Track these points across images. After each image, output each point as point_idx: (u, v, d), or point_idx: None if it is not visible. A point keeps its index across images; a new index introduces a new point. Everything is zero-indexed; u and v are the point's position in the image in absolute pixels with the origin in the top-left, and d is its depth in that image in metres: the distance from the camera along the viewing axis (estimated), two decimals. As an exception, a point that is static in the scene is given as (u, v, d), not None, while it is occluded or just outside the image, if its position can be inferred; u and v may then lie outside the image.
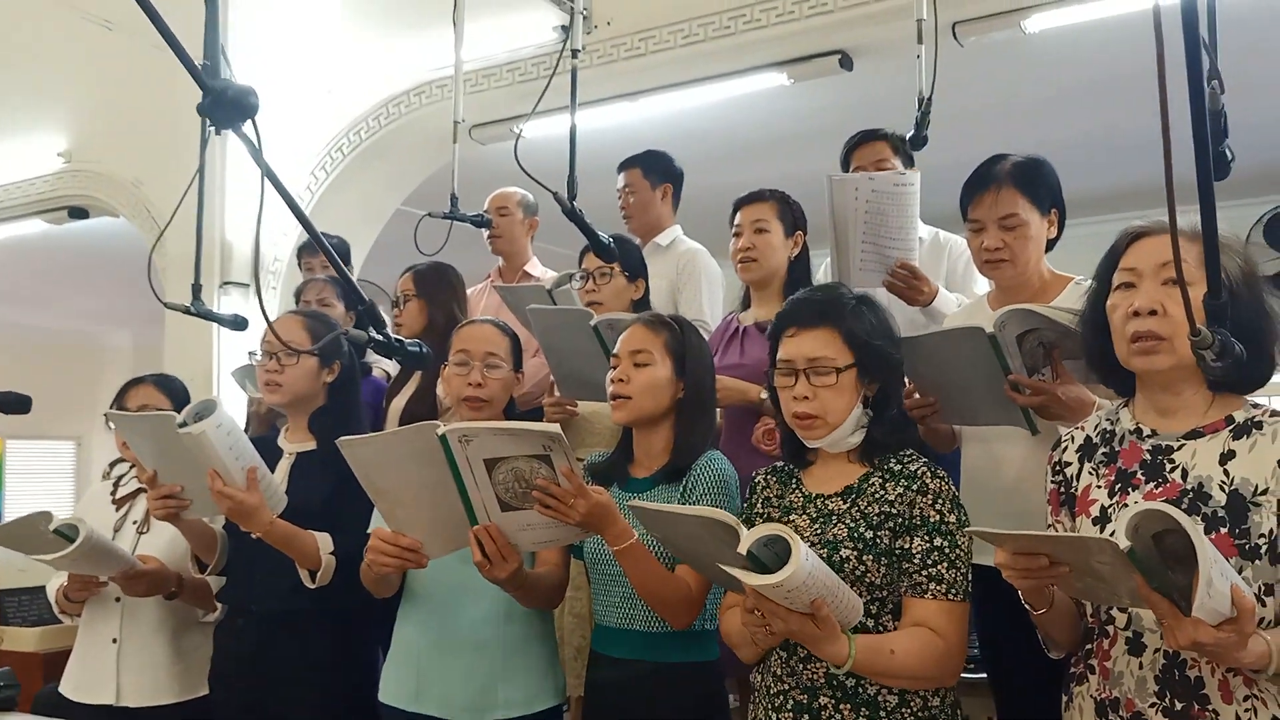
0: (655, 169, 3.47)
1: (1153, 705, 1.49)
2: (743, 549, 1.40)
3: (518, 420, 2.09)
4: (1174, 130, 1.49)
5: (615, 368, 2.02)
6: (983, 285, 2.73)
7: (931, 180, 2.59)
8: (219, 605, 2.47)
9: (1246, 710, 1.44)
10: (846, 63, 3.73)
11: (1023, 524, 1.75)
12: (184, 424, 1.96)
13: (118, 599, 2.53)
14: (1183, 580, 1.27)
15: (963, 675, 2.30)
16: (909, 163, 2.90)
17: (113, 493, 2.70)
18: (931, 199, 2.60)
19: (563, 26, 3.96)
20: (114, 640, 2.53)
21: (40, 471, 9.68)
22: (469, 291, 3.56)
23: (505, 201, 3.50)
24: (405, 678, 2.11)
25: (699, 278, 3.18)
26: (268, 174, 1.45)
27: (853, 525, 1.69)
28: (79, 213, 5.33)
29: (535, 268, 3.53)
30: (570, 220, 2.24)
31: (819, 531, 1.72)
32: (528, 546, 1.87)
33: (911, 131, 2.50)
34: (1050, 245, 2.20)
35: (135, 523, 2.60)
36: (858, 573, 1.66)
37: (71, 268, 7.12)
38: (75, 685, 2.57)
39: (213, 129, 1.58)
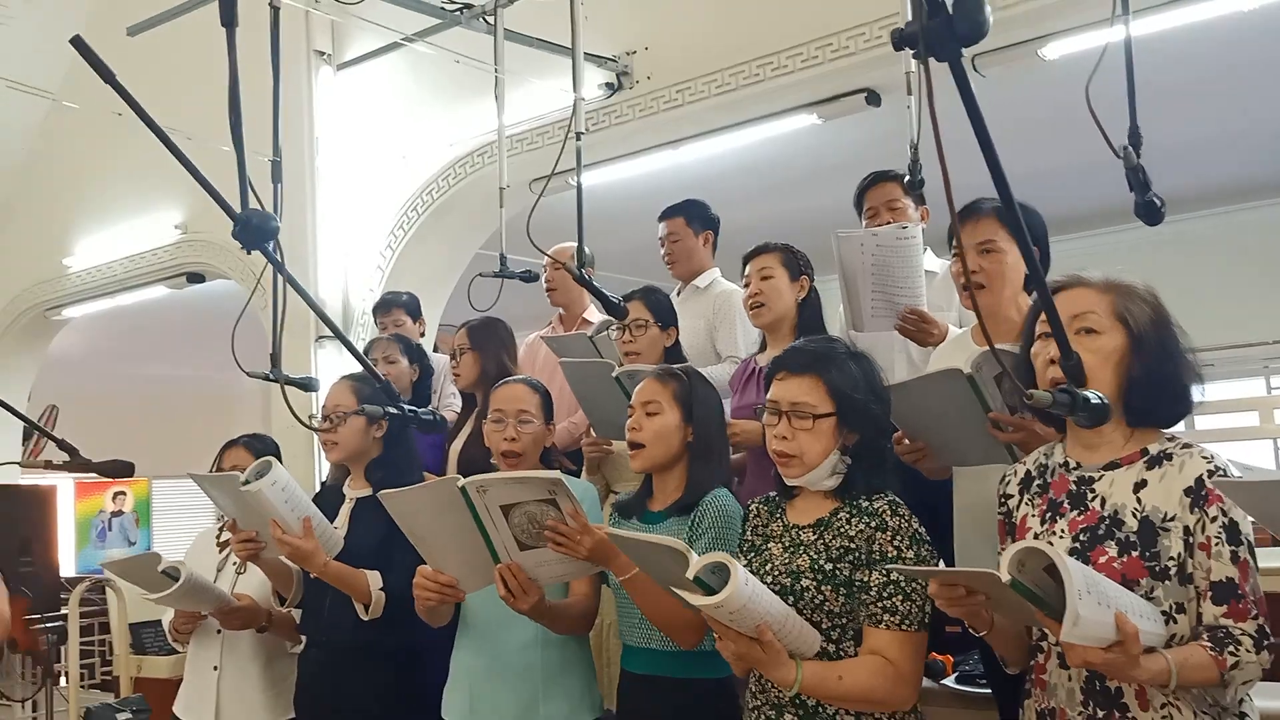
0: (697, 217, 3.70)
1: (1080, 713, 1.65)
2: (690, 574, 1.61)
3: (554, 462, 2.35)
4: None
5: (630, 417, 2.27)
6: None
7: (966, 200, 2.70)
8: (302, 638, 2.81)
9: (1164, 717, 1.59)
10: (874, 99, 3.91)
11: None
12: (246, 482, 2.31)
13: (219, 631, 2.90)
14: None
15: (970, 690, 2.48)
16: (920, 201, 3.07)
17: (218, 536, 3.08)
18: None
19: (607, 84, 4.25)
20: (215, 668, 2.89)
21: (183, 509, 10.43)
22: (531, 337, 3.87)
23: (559, 256, 3.78)
24: (460, 698, 2.40)
25: (734, 317, 3.39)
26: (290, 282, 1.77)
27: (814, 556, 1.87)
28: (196, 278, 5.88)
29: (593, 314, 3.80)
30: (580, 284, 2.49)
31: (787, 560, 1.91)
32: (546, 581, 2.12)
33: (917, 175, 2.68)
34: (1028, 282, 2.35)
35: (235, 564, 2.97)
36: (816, 600, 1.84)
37: (195, 326, 7.75)
38: (185, 707, 2.95)
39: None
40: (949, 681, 2.58)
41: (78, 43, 1.62)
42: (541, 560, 2.05)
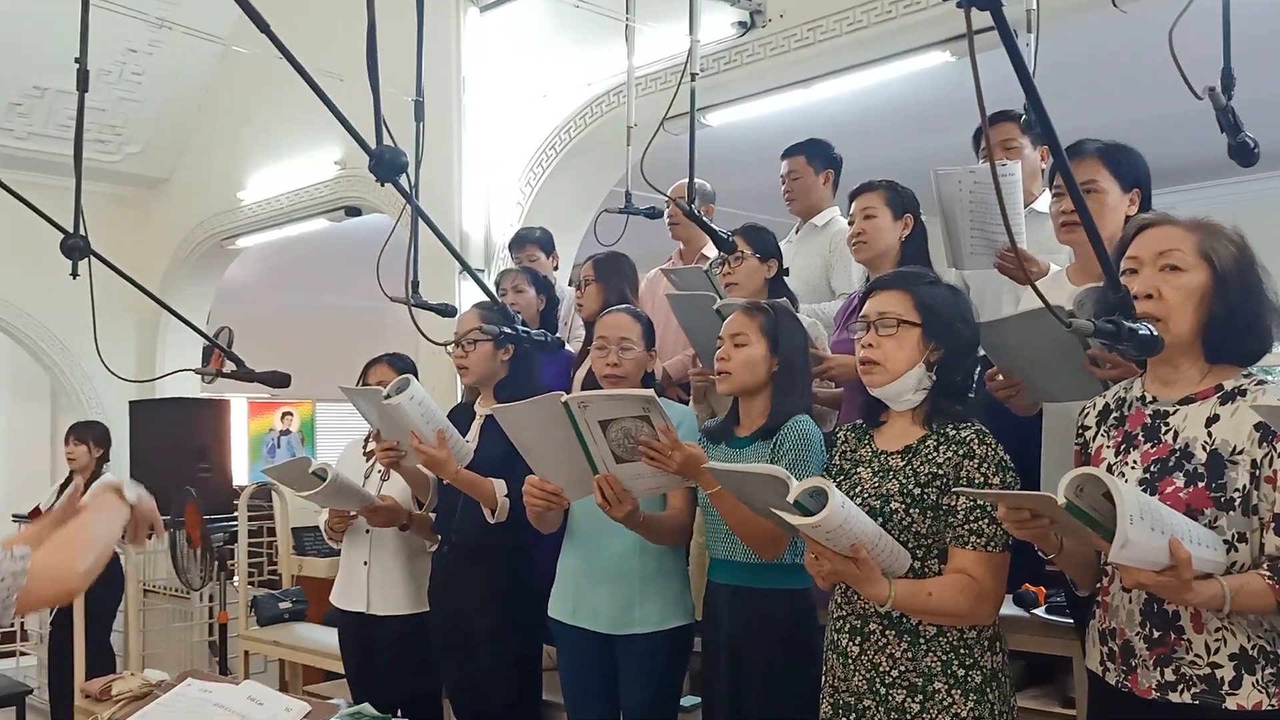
0: (818, 156, 3.76)
1: (1137, 634, 1.73)
2: (790, 498, 1.74)
3: (656, 386, 2.53)
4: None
5: (720, 348, 2.42)
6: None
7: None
8: (438, 537, 3.10)
9: (1216, 640, 1.66)
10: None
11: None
12: (388, 396, 2.57)
13: (367, 530, 3.22)
14: None
15: (1056, 620, 2.56)
16: (1039, 141, 3.06)
17: (364, 446, 3.40)
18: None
19: (740, 22, 4.31)
20: (364, 562, 3.22)
21: (344, 428, 11.16)
22: (652, 271, 4.03)
23: (681, 193, 3.90)
24: (565, 597, 2.64)
25: (849, 255, 3.45)
26: (418, 211, 1.97)
27: (903, 481, 1.99)
28: (353, 211, 6.27)
29: (711, 250, 3.92)
30: (690, 220, 2.63)
31: (877, 484, 2.03)
32: (640, 492, 2.31)
33: (1032, 114, 2.69)
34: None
35: (379, 470, 3.28)
36: (905, 522, 1.97)
37: (353, 257, 8.23)
38: (339, 595, 3.31)
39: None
40: (1039, 611, 2.65)
41: (237, -4, 1.84)
42: (636, 473, 2.23)
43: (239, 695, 2.14)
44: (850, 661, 2.02)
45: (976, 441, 1.97)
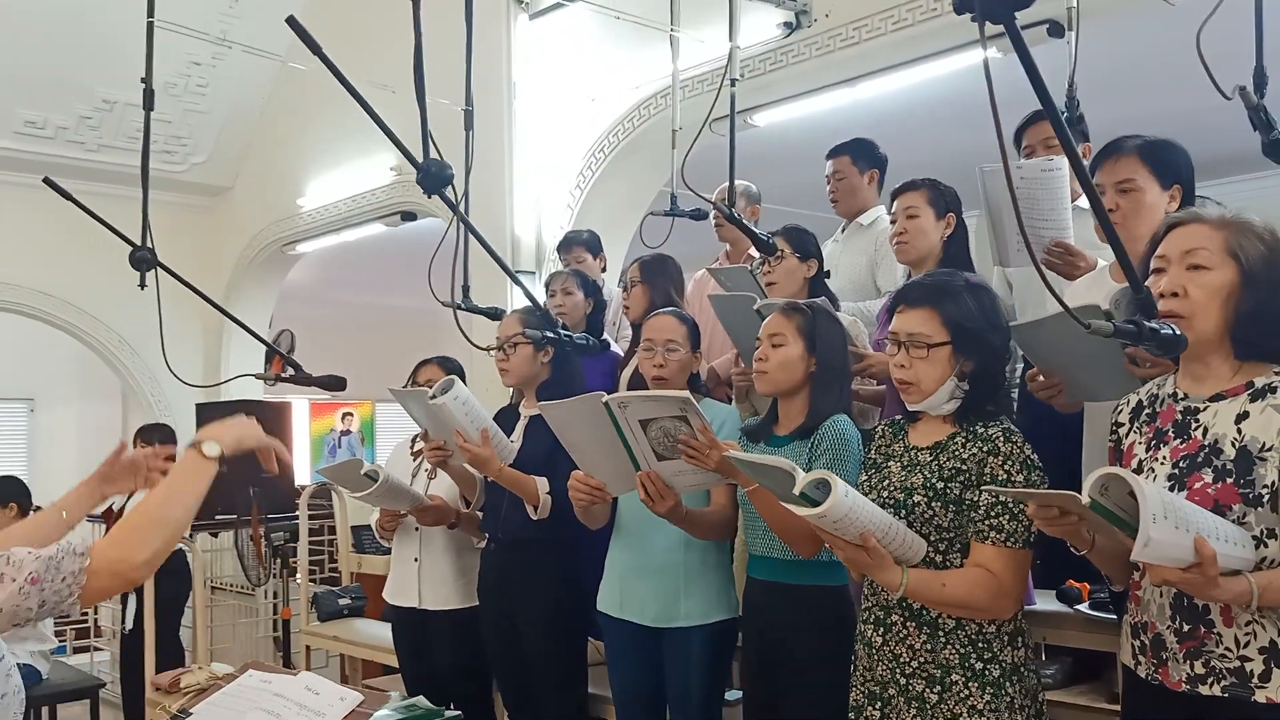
0: (863, 155, 3.78)
1: (1169, 627, 1.74)
2: (796, 490, 1.81)
3: (701, 387, 2.59)
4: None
5: (758, 348, 2.46)
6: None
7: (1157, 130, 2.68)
8: (485, 535, 3.18)
9: (1246, 634, 1.66)
10: (1056, 30, 3.82)
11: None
12: (433, 396, 2.66)
13: (416, 528, 3.32)
14: None
15: (1100, 615, 2.56)
16: (1081, 139, 3.04)
17: (412, 446, 3.50)
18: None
19: (785, 23, 4.34)
20: (415, 559, 3.32)
21: (402, 429, 11.36)
22: (699, 272, 4.08)
23: (723, 196, 3.95)
24: (612, 591, 2.71)
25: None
26: (463, 221, 2.05)
27: (928, 476, 2.03)
28: (409, 216, 6.40)
29: (755, 251, 3.96)
30: (730, 223, 2.68)
31: (903, 478, 2.07)
32: (682, 488, 2.37)
33: (1074, 112, 2.69)
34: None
35: (427, 470, 3.37)
36: (926, 515, 2.00)
37: (408, 261, 8.39)
38: (392, 591, 3.41)
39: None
40: (1082, 607, 2.65)
41: (292, 22, 1.94)
42: (677, 470, 2.29)
43: (296, 685, 2.23)
44: (874, 651, 2.06)
45: (1002, 439, 2.00)
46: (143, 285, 2.64)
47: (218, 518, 6.24)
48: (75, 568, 1.57)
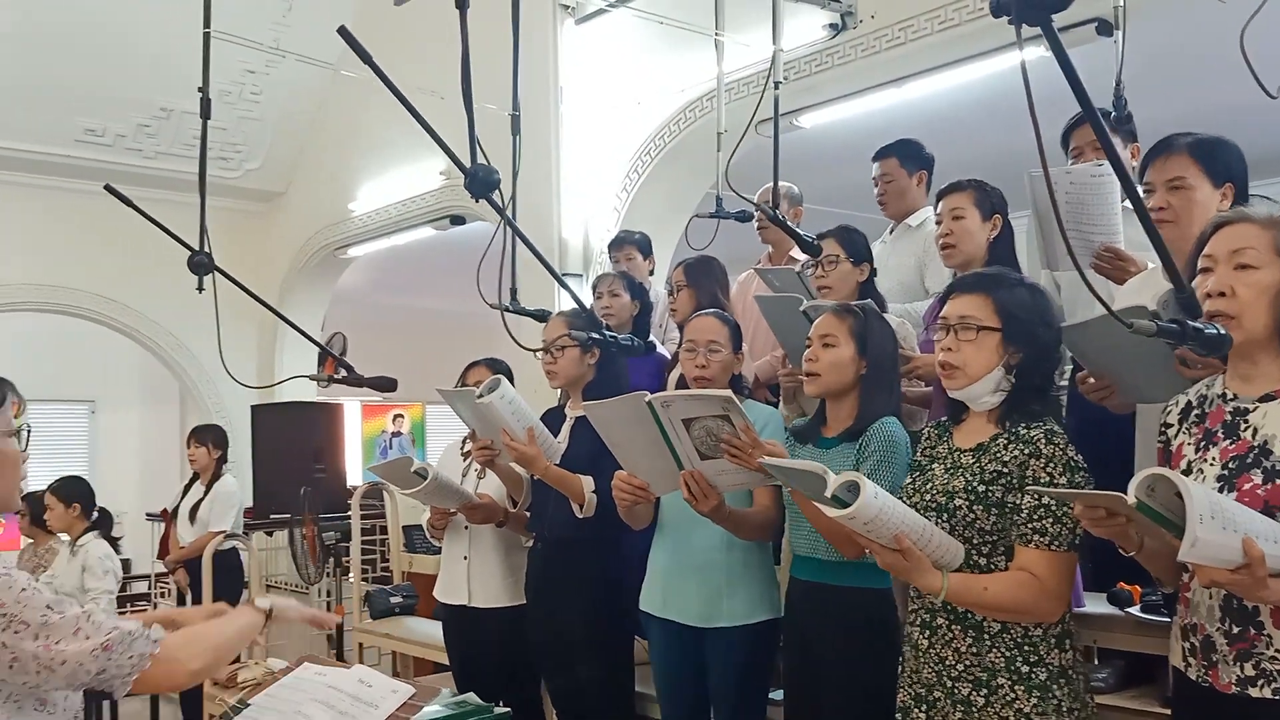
0: (910, 157, 3.75)
1: (1218, 629, 1.73)
2: (828, 492, 1.81)
3: (744, 388, 2.60)
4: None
5: (809, 349, 2.47)
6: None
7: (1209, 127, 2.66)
8: (532, 534, 3.22)
9: (1297, 636, 1.65)
10: (1105, 29, 3.79)
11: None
12: (480, 396, 2.71)
13: (466, 527, 3.37)
14: None
15: (1151, 618, 2.53)
16: (1129, 138, 3.01)
17: (462, 446, 3.55)
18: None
19: (831, 25, 4.34)
20: (464, 557, 3.37)
21: (453, 430, 11.48)
22: (744, 274, 4.09)
23: (768, 196, 3.96)
24: (655, 590, 2.73)
25: (942, 255, 3.46)
26: (509, 224, 2.08)
27: (970, 479, 2.01)
28: (458, 219, 6.49)
29: (799, 253, 3.96)
30: (774, 224, 2.69)
31: (945, 480, 2.06)
32: (725, 488, 2.38)
33: (1122, 112, 2.67)
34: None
35: (476, 469, 3.42)
36: (968, 519, 1.99)
37: (459, 264, 8.49)
38: (442, 590, 3.46)
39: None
40: (1134, 610, 2.62)
41: (343, 32, 1.99)
42: (720, 469, 2.31)
43: (350, 678, 2.28)
44: (920, 654, 2.06)
45: (1044, 441, 1.98)
46: (200, 289, 2.72)
47: (272, 517, 6.38)
48: (145, 651, 1.62)
